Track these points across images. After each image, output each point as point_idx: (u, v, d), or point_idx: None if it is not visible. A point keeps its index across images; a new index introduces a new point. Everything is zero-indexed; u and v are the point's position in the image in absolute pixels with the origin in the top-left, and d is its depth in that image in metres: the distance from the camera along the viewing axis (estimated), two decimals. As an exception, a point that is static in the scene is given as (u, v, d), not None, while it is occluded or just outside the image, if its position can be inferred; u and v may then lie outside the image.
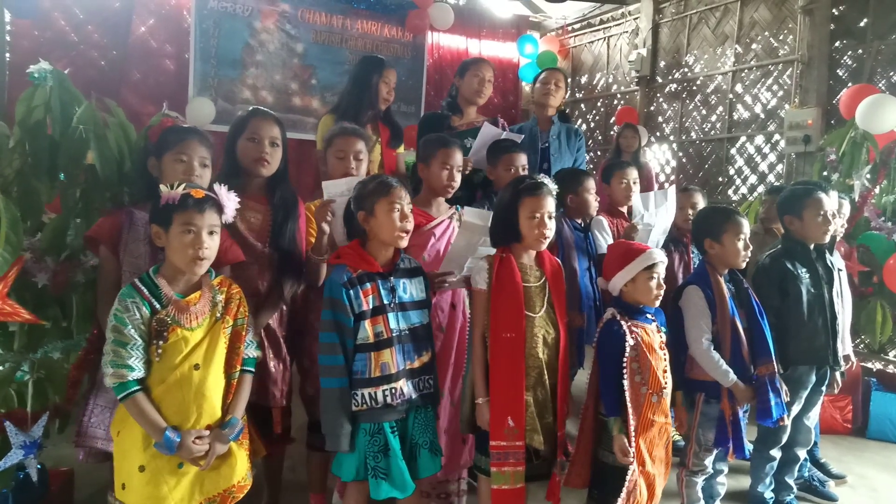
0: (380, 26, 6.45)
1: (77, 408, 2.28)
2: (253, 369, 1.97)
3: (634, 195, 3.19)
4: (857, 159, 3.91)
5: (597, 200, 3.20)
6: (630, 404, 2.12)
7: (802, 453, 2.85)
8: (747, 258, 2.52)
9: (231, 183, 1.98)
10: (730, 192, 5.57)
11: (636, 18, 6.48)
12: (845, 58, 4.75)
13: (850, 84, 4.53)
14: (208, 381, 1.79)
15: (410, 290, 2.12)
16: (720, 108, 5.71)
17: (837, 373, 2.80)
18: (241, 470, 1.87)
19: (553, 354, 2.20)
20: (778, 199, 2.86)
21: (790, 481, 2.84)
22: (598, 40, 7.07)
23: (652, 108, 6.37)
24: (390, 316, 2.02)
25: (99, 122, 2.26)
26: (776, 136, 5.21)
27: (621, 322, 2.19)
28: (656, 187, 5.26)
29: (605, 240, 3.13)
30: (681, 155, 6.08)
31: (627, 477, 2.10)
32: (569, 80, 5.81)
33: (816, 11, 4.78)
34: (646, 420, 2.14)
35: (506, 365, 2.11)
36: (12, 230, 2.05)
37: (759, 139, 5.38)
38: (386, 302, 2.03)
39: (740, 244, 2.48)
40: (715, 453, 2.54)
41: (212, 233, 1.82)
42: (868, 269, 3.77)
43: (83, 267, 2.36)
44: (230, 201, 1.89)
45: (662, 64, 6.25)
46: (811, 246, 2.72)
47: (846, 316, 3.01)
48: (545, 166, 3.62)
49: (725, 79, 5.64)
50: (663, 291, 2.24)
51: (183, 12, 5.62)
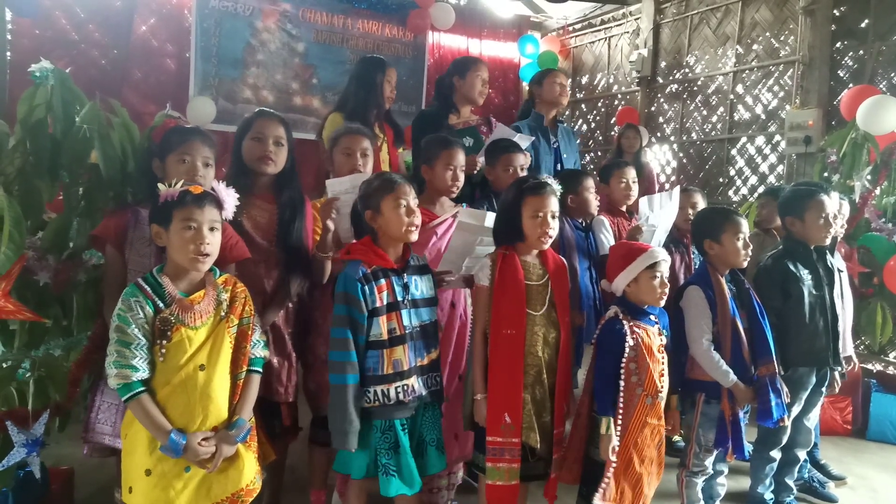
0: (381, 26, 6.44)
1: (78, 406, 2.28)
2: (260, 369, 1.94)
3: (641, 198, 3.19)
4: (857, 160, 3.91)
5: (597, 200, 3.21)
6: (622, 405, 2.13)
7: (802, 454, 2.85)
8: (748, 257, 2.52)
9: (239, 182, 1.98)
10: (730, 192, 5.57)
11: (637, 19, 6.47)
12: (846, 59, 4.75)
13: (851, 85, 4.53)
14: (214, 381, 1.77)
15: (421, 287, 2.13)
16: (721, 109, 5.70)
17: (837, 373, 2.79)
18: (249, 473, 1.83)
19: (553, 354, 2.21)
20: (779, 200, 2.86)
21: (790, 482, 2.84)
22: (599, 40, 7.06)
23: (653, 109, 6.36)
24: (403, 313, 2.04)
25: (103, 122, 2.27)
26: (777, 137, 5.20)
27: (623, 321, 2.19)
28: (657, 188, 5.26)
29: (608, 239, 3.12)
30: (681, 155, 6.07)
31: (606, 474, 2.11)
32: (569, 80, 5.81)
33: (817, 12, 4.77)
34: (638, 421, 2.15)
35: (505, 362, 2.12)
36: (15, 229, 2.05)
37: (760, 140, 5.37)
38: (400, 298, 2.04)
39: (739, 243, 2.48)
40: (715, 454, 2.54)
41: (212, 228, 1.81)
42: (868, 271, 3.77)
43: (85, 266, 2.37)
44: (229, 197, 1.89)
45: (663, 64, 6.24)
46: (812, 247, 2.72)
47: (847, 317, 3.01)
48: (559, 167, 3.61)
49: (726, 79, 5.64)
50: (668, 290, 2.24)
51: (184, 11, 5.61)
